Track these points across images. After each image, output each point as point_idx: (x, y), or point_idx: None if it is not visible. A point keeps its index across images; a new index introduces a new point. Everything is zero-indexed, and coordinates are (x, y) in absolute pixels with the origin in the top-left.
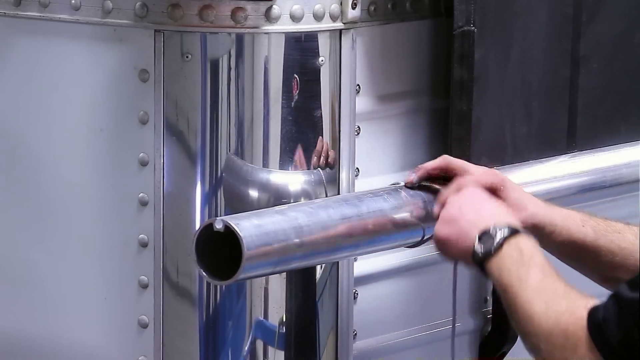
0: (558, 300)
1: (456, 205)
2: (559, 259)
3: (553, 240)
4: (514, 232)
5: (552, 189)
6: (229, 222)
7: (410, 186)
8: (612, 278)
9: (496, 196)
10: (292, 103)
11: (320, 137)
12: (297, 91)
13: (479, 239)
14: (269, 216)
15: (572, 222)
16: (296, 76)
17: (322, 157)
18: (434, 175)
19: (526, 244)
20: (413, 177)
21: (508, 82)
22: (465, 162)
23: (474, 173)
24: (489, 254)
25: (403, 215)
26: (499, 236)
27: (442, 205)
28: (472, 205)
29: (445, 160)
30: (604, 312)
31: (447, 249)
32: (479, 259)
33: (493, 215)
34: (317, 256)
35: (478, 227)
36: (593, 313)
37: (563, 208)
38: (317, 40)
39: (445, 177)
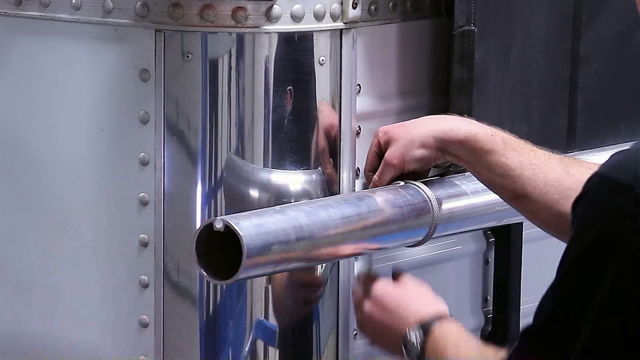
0: None
1: (388, 302)
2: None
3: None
4: (428, 329)
5: None
6: (229, 221)
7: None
8: (521, 195)
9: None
10: (293, 103)
11: (321, 137)
12: (298, 91)
13: (405, 340)
14: (269, 216)
15: (481, 130)
16: (296, 76)
17: (322, 157)
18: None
19: (442, 330)
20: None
21: (508, 81)
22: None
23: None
24: (415, 355)
25: (404, 214)
26: (418, 338)
27: (376, 300)
28: (402, 302)
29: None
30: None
31: (377, 339)
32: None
33: (418, 313)
34: (318, 256)
35: (403, 326)
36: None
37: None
38: (318, 40)
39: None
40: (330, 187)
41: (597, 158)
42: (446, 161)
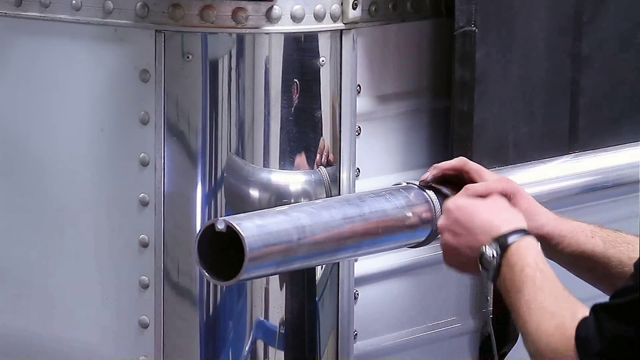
0: (547, 320)
1: (461, 215)
2: (569, 270)
3: (562, 252)
4: (506, 245)
5: (555, 190)
6: (231, 222)
7: (423, 185)
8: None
9: None
10: (293, 103)
11: (321, 137)
12: (298, 91)
13: (481, 256)
14: (271, 216)
15: (582, 233)
16: (297, 76)
17: (322, 158)
18: (447, 176)
19: (520, 254)
20: (427, 175)
21: (510, 82)
22: (481, 167)
23: (488, 179)
24: (492, 271)
25: (406, 215)
26: (495, 254)
27: (448, 212)
28: (475, 215)
29: (461, 162)
30: (586, 329)
31: (454, 258)
32: (486, 275)
33: (494, 227)
34: (320, 256)
35: (480, 241)
36: (579, 330)
37: (572, 220)
38: (318, 41)
39: (457, 180)
40: (330, 188)
41: (600, 159)
42: None
